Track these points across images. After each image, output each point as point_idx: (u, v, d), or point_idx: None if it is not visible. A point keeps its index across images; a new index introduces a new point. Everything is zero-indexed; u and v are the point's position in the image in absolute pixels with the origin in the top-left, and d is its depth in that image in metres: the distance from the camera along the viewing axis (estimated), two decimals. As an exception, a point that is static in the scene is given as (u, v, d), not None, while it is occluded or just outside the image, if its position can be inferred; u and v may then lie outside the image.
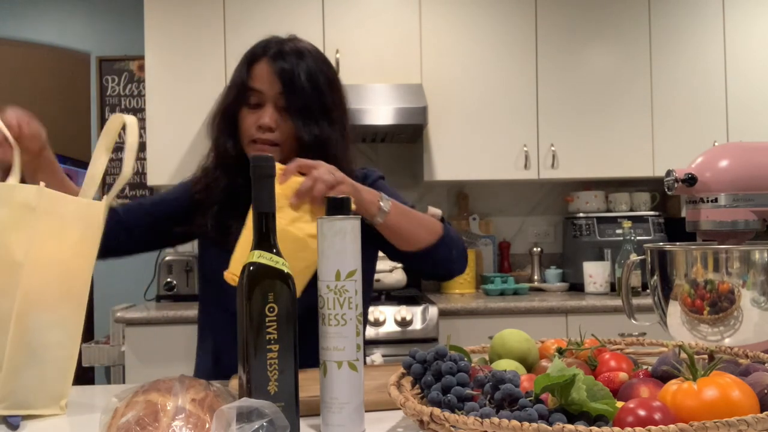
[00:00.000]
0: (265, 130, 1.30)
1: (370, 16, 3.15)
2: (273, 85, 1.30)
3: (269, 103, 1.31)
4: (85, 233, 1.02)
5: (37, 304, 0.97)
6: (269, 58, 1.32)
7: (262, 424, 0.68)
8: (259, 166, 0.82)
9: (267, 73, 1.31)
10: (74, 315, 1.01)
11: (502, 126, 3.19)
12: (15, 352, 0.95)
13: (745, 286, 1.01)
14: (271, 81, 1.30)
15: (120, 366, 3.07)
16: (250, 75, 1.32)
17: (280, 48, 1.33)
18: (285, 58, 1.31)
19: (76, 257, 1.01)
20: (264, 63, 1.32)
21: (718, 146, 1.19)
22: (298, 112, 1.31)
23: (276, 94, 1.31)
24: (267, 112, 1.30)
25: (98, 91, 3.60)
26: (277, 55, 1.32)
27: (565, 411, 0.68)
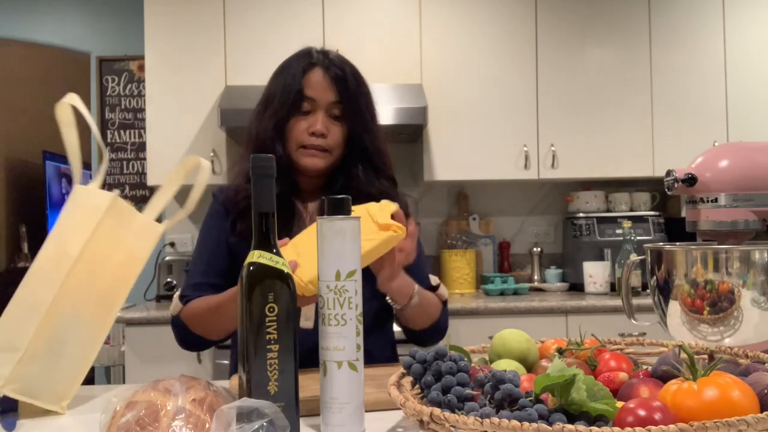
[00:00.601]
0: (318, 136, 1.35)
1: (370, 16, 3.15)
2: (327, 93, 1.36)
3: (320, 110, 1.36)
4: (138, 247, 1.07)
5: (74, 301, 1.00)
6: (323, 67, 1.37)
7: (262, 424, 0.68)
8: (259, 166, 0.82)
9: (322, 80, 1.36)
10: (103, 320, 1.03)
11: (502, 126, 3.19)
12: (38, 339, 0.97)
13: (745, 286, 1.01)
14: (325, 88, 1.36)
15: (120, 366, 3.07)
16: (305, 83, 1.36)
17: (326, 57, 1.39)
18: (336, 65, 1.38)
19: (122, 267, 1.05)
20: (318, 71, 1.37)
21: (718, 146, 1.19)
22: (353, 118, 1.37)
23: (329, 102, 1.36)
24: (319, 119, 1.35)
25: (98, 91, 3.60)
26: (329, 63, 1.38)
27: (565, 411, 0.68)
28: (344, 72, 1.37)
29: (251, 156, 0.84)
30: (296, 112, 1.36)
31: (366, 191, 1.36)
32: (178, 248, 3.40)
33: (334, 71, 1.36)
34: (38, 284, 0.99)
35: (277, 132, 1.36)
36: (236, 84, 3.09)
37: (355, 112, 1.38)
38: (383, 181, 1.42)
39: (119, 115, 3.59)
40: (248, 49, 3.10)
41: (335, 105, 1.36)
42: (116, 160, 3.59)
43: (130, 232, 1.06)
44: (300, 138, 1.35)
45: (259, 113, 1.41)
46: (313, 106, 1.36)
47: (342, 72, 1.37)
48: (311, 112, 1.36)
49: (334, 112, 1.37)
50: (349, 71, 1.38)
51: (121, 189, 3.58)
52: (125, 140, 3.59)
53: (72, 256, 0.99)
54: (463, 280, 3.25)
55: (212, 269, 1.39)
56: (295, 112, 1.36)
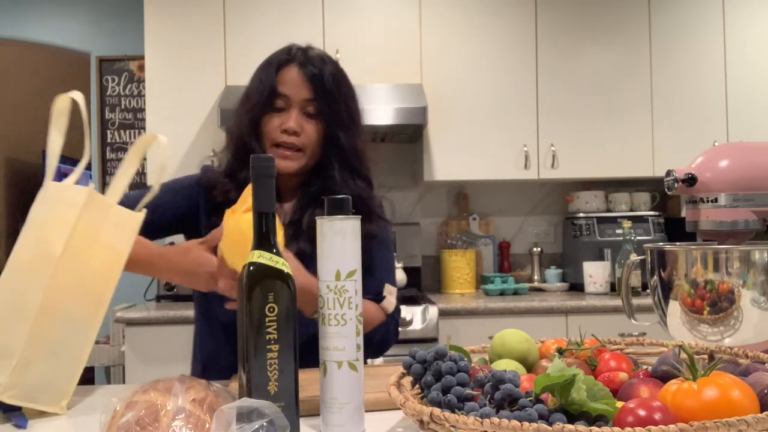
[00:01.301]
0: (290, 133, 1.33)
1: (370, 16, 3.15)
2: (301, 90, 1.34)
3: (294, 108, 1.34)
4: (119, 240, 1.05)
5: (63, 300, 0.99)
6: (298, 64, 1.35)
7: (262, 424, 0.68)
8: (259, 166, 0.82)
9: (296, 77, 1.34)
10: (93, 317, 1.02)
11: (502, 126, 3.19)
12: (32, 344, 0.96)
13: (745, 286, 1.01)
14: (299, 86, 1.34)
15: (120, 366, 3.07)
16: (279, 79, 1.34)
17: (305, 54, 1.36)
18: (313, 63, 1.35)
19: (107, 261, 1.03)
20: (293, 68, 1.35)
21: (718, 146, 1.19)
22: (328, 117, 1.35)
23: (303, 100, 1.34)
24: (292, 116, 1.33)
25: (98, 91, 3.60)
26: (305, 60, 1.35)
27: (565, 411, 0.68)
28: (321, 70, 1.34)
29: (251, 156, 0.84)
30: (270, 109, 1.34)
31: (341, 193, 1.34)
32: (178, 248, 3.40)
33: (310, 69, 1.33)
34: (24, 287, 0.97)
35: (253, 129, 1.35)
36: (236, 84, 3.09)
37: (331, 111, 1.34)
38: (359, 182, 1.39)
39: (119, 115, 3.59)
40: (248, 49, 3.10)
41: (310, 103, 1.34)
42: (116, 160, 3.59)
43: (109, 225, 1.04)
44: (273, 135, 1.34)
45: (239, 109, 1.40)
46: (287, 104, 1.34)
47: (319, 70, 1.34)
48: (285, 110, 1.34)
49: (309, 110, 1.34)
50: (328, 69, 1.35)
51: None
52: (125, 140, 3.59)
53: (55, 255, 0.98)
54: (463, 280, 3.25)
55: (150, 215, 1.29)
56: (268, 109, 1.34)
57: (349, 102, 1.39)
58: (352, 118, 1.39)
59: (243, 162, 1.36)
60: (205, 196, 1.39)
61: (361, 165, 1.40)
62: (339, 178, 1.36)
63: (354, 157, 1.38)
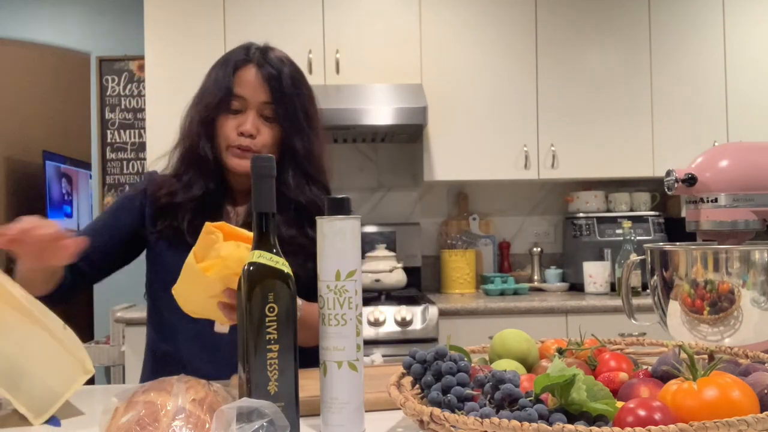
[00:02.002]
0: (246, 136, 1.30)
1: (370, 16, 3.15)
2: (258, 92, 1.31)
3: (251, 110, 1.31)
4: None
5: None
6: (256, 64, 1.32)
7: (262, 424, 0.68)
8: (259, 166, 0.82)
9: (253, 79, 1.31)
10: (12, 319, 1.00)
11: (502, 126, 3.19)
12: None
13: (745, 286, 1.01)
14: (256, 88, 1.31)
15: (120, 366, 3.07)
16: (236, 80, 1.31)
17: (263, 55, 1.33)
18: (271, 64, 1.32)
19: None
20: (251, 69, 1.32)
21: (718, 146, 1.19)
22: (285, 120, 1.32)
23: (260, 102, 1.31)
24: (249, 119, 1.31)
25: (98, 91, 3.60)
26: (262, 61, 1.32)
27: (565, 411, 0.67)
28: (279, 71, 1.31)
29: (252, 156, 0.84)
30: (226, 110, 1.31)
31: (294, 198, 1.32)
32: (178, 248, 3.40)
33: (268, 70, 1.31)
34: None
35: (205, 129, 1.33)
36: (236, 84, 3.08)
37: (288, 114, 1.32)
38: (314, 188, 1.36)
39: (119, 115, 3.59)
40: (248, 49, 3.10)
41: (267, 105, 1.31)
42: (116, 160, 3.59)
43: None
44: (228, 137, 1.31)
45: (191, 107, 1.37)
46: (244, 105, 1.31)
47: (276, 71, 1.31)
48: (241, 111, 1.32)
49: (266, 112, 1.32)
50: (287, 71, 1.32)
51: (121, 189, 3.58)
52: (125, 140, 3.59)
53: None
54: (463, 280, 3.25)
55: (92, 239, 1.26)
56: (224, 110, 1.31)
57: (308, 105, 1.36)
58: (310, 122, 1.36)
59: (190, 163, 1.34)
60: (151, 203, 1.36)
61: (316, 170, 1.37)
62: (293, 183, 1.34)
63: (310, 163, 1.35)
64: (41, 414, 0.97)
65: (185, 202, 1.32)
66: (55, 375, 0.99)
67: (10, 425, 0.95)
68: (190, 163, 1.35)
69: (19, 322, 0.98)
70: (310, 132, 1.35)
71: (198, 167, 1.34)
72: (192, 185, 1.33)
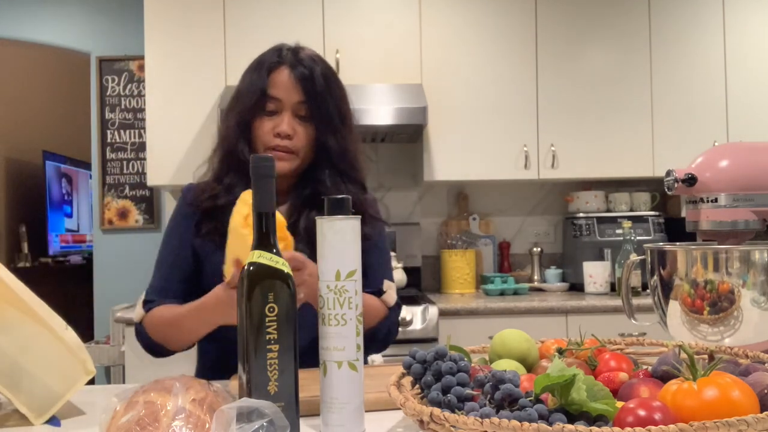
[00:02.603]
0: (283, 137, 1.32)
1: (370, 16, 3.15)
2: (292, 93, 1.32)
3: (286, 111, 1.33)
4: None
5: None
6: (288, 66, 1.33)
7: (262, 424, 0.68)
8: (259, 166, 0.82)
9: (287, 80, 1.33)
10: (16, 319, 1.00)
11: (502, 126, 3.19)
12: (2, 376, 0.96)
13: (745, 286, 1.01)
14: (290, 88, 1.32)
15: (120, 366, 3.07)
16: (270, 82, 1.33)
17: (295, 55, 1.35)
18: (303, 64, 1.33)
19: None
20: (284, 70, 1.33)
21: (718, 146, 1.19)
22: (320, 119, 1.33)
23: (295, 102, 1.33)
24: (285, 119, 1.32)
25: (98, 91, 3.60)
26: (295, 62, 1.34)
27: (565, 411, 0.68)
28: (312, 71, 1.32)
29: (251, 156, 0.84)
30: (261, 112, 1.33)
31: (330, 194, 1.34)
32: (178, 248, 3.40)
33: (300, 70, 1.32)
34: None
35: (242, 131, 1.34)
36: (236, 84, 3.08)
37: (322, 113, 1.33)
38: (350, 185, 1.37)
39: (119, 115, 3.59)
40: (248, 49, 3.07)
41: (301, 105, 1.32)
42: (116, 160, 3.59)
43: None
44: (265, 139, 1.32)
45: (227, 111, 1.39)
46: (279, 107, 1.33)
47: (309, 71, 1.32)
48: (277, 113, 1.33)
49: (301, 112, 1.33)
50: (319, 70, 1.33)
51: (120, 189, 3.58)
52: (125, 140, 3.59)
53: None
54: (463, 280, 3.25)
55: (175, 273, 1.36)
56: (260, 112, 1.33)
57: (340, 103, 1.37)
58: (344, 120, 1.37)
59: (230, 166, 1.36)
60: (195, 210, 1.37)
61: (352, 168, 1.38)
62: (330, 182, 1.35)
63: (345, 160, 1.37)
64: (42, 414, 0.97)
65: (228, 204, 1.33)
66: (57, 375, 0.99)
67: (11, 425, 0.95)
68: (230, 166, 1.36)
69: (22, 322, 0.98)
70: (343, 130, 1.37)
71: (237, 170, 1.34)
72: (233, 188, 1.34)
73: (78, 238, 5.66)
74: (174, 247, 1.39)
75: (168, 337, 1.30)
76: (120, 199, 3.58)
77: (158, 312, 1.30)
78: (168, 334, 1.29)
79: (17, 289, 0.99)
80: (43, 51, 4.22)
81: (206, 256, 1.36)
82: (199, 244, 1.35)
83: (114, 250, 3.55)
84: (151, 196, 3.58)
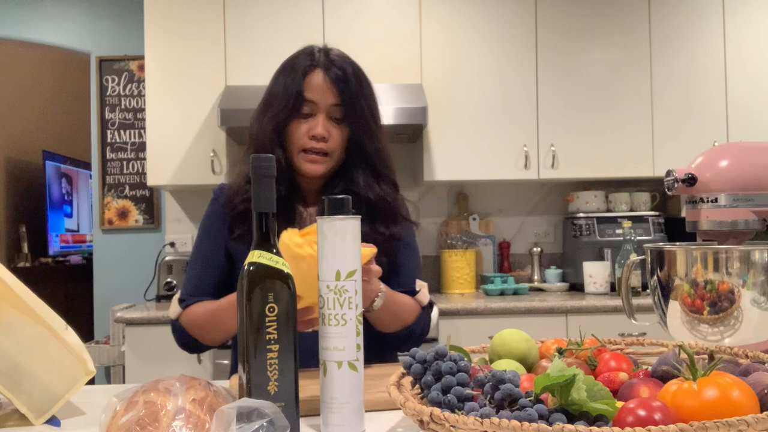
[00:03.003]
0: (318, 140, 1.32)
1: (370, 16, 3.15)
2: (327, 95, 1.33)
3: (321, 113, 1.33)
4: None
5: None
6: (323, 68, 1.34)
7: (262, 424, 0.68)
8: (259, 166, 0.82)
9: (322, 82, 1.33)
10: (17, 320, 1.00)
11: (502, 126, 3.19)
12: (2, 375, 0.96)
13: (745, 286, 1.01)
14: (325, 91, 1.33)
15: (120, 366, 3.07)
16: (305, 85, 1.33)
17: (327, 56, 1.36)
18: (336, 66, 1.34)
19: None
20: (318, 73, 1.34)
21: (718, 146, 1.19)
22: (354, 120, 1.34)
23: (329, 105, 1.33)
24: (319, 122, 1.33)
25: (98, 91, 3.60)
26: (328, 64, 1.34)
27: (565, 411, 0.67)
28: (345, 72, 1.34)
29: (251, 156, 0.84)
30: (296, 115, 1.33)
31: (365, 196, 1.35)
32: (178, 248, 3.40)
33: (335, 72, 1.33)
34: None
35: (277, 134, 1.34)
36: (236, 84, 3.09)
37: (356, 115, 1.34)
38: (384, 186, 1.39)
39: (119, 115, 3.59)
40: (248, 49, 3.10)
41: (336, 107, 1.34)
42: (116, 160, 3.59)
43: None
44: (301, 142, 1.33)
45: (259, 114, 1.39)
46: (314, 109, 1.33)
47: (343, 72, 1.34)
48: (312, 115, 1.34)
49: (335, 114, 1.34)
50: (351, 71, 1.35)
51: (120, 189, 3.58)
52: (125, 140, 3.59)
53: None
54: (463, 280, 3.25)
55: (209, 272, 1.38)
56: (295, 115, 1.33)
57: (372, 102, 1.38)
58: (375, 119, 1.39)
59: None
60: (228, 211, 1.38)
61: (385, 167, 1.40)
62: (363, 182, 1.36)
63: (378, 161, 1.38)
64: (42, 414, 0.97)
65: None
66: (57, 375, 0.99)
67: (11, 425, 0.95)
68: None
69: (22, 322, 0.98)
70: (376, 129, 1.38)
71: None
72: None
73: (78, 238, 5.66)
74: (207, 248, 1.41)
75: (204, 333, 1.33)
76: (120, 199, 3.58)
77: (194, 309, 1.33)
78: (205, 329, 1.32)
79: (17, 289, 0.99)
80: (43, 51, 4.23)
81: (240, 257, 1.37)
82: (233, 245, 1.37)
83: (114, 250, 3.55)
84: (151, 196, 3.58)
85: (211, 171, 3.04)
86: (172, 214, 3.45)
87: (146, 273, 3.39)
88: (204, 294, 1.35)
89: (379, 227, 1.35)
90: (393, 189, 1.41)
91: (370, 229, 1.34)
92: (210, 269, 1.38)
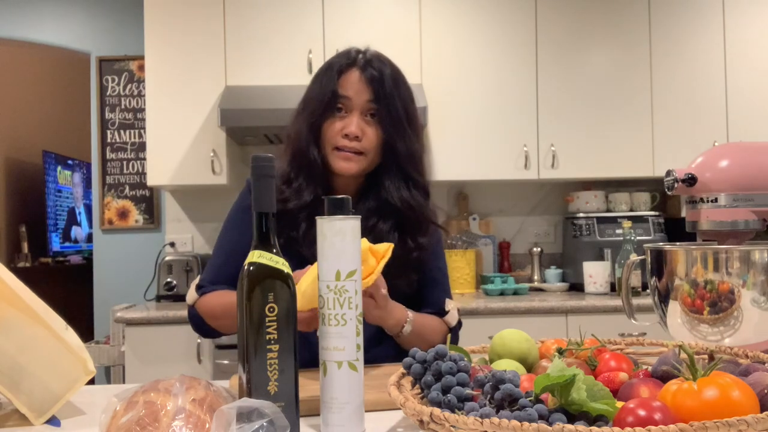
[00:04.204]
0: (351, 138, 1.31)
1: (370, 16, 3.15)
2: (361, 92, 1.32)
3: (355, 111, 1.33)
4: None
5: None
6: (359, 67, 1.34)
7: (262, 424, 0.68)
8: (259, 166, 0.82)
9: (357, 80, 1.33)
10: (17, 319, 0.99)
11: (502, 126, 3.19)
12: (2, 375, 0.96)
13: (745, 286, 1.01)
14: (360, 88, 1.33)
15: (120, 366, 3.07)
16: (340, 83, 1.33)
17: (364, 56, 1.36)
18: (373, 66, 1.34)
19: None
20: (354, 72, 1.34)
21: (718, 146, 1.19)
22: (388, 119, 1.33)
23: (364, 102, 1.33)
24: (353, 120, 1.32)
25: (98, 91, 3.60)
26: (365, 64, 1.34)
27: (565, 411, 0.67)
28: (381, 72, 1.33)
29: (251, 156, 0.84)
30: (331, 113, 1.33)
31: (394, 201, 1.34)
32: (178, 248, 3.40)
33: (370, 72, 1.33)
34: None
35: (312, 133, 1.34)
36: (236, 84, 3.09)
37: (390, 114, 1.33)
38: (414, 191, 1.36)
39: (119, 115, 3.59)
40: (248, 49, 3.10)
41: (370, 104, 1.32)
42: (116, 160, 3.59)
43: None
44: (334, 140, 1.32)
45: (297, 114, 1.39)
46: (348, 107, 1.33)
47: (379, 72, 1.33)
48: (346, 113, 1.33)
49: (370, 113, 1.33)
50: (388, 72, 1.34)
51: (120, 189, 3.58)
52: (125, 140, 3.59)
53: None
54: (463, 280, 3.25)
55: (231, 263, 1.36)
56: (329, 113, 1.33)
57: (408, 104, 1.37)
58: (411, 122, 1.36)
59: (300, 168, 1.36)
60: None
61: (416, 172, 1.37)
62: (394, 188, 1.34)
63: (411, 164, 1.36)
64: (42, 414, 0.97)
65: (297, 209, 1.33)
66: (57, 375, 0.99)
67: (11, 425, 0.95)
68: (300, 168, 1.36)
69: (22, 321, 0.98)
70: (411, 132, 1.36)
71: (307, 172, 1.35)
72: (302, 191, 1.34)
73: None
74: (233, 239, 1.41)
75: (219, 322, 1.35)
76: (120, 199, 3.58)
77: (210, 297, 1.35)
78: (220, 318, 1.34)
79: (17, 289, 0.99)
80: (43, 51, 4.22)
81: None
82: None
83: (114, 250, 3.55)
84: (151, 196, 3.58)
85: (211, 171, 3.04)
86: (172, 214, 3.45)
87: (146, 273, 3.39)
88: (223, 283, 1.36)
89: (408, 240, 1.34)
90: (423, 194, 1.39)
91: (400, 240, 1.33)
92: (232, 260, 1.36)
